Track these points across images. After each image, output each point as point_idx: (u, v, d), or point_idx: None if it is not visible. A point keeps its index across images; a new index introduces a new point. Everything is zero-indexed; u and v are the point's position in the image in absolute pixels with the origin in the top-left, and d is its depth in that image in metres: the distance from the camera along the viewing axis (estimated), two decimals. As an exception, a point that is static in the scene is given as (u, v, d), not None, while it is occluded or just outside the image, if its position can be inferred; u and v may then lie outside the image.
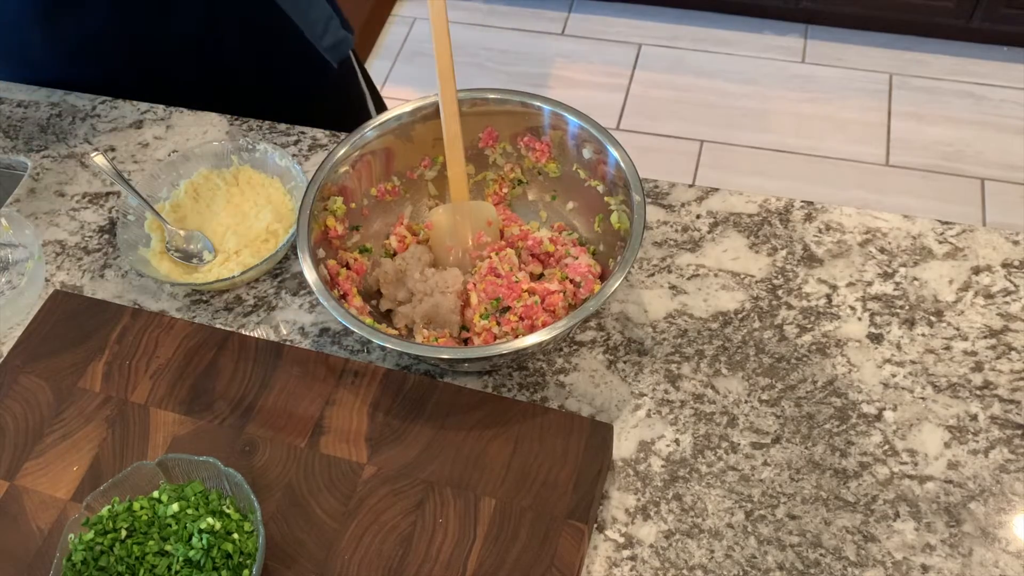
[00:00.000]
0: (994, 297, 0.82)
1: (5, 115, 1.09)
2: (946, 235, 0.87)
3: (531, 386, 0.80)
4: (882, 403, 0.77)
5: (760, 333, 0.82)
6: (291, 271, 0.90)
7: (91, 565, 0.68)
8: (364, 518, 0.71)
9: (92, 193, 1.00)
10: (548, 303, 0.79)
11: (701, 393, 0.78)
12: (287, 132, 1.03)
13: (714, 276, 0.86)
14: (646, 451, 0.76)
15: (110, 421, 0.78)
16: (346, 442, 0.75)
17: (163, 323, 0.84)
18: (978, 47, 2.42)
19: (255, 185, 0.95)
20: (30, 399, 0.80)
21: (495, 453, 0.73)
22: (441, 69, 0.79)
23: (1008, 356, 0.79)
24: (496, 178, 0.90)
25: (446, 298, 0.80)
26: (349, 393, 0.78)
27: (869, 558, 0.69)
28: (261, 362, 0.80)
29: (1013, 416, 0.75)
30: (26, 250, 0.93)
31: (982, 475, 0.72)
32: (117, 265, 0.93)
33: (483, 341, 0.79)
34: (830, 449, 0.75)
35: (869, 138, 2.27)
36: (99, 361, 0.82)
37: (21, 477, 0.76)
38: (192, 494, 0.70)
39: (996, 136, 2.25)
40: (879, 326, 0.81)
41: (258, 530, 0.67)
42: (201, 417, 0.78)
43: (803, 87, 2.40)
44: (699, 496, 0.73)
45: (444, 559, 0.68)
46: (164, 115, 1.07)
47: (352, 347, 0.85)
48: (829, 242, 0.87)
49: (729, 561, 0.70)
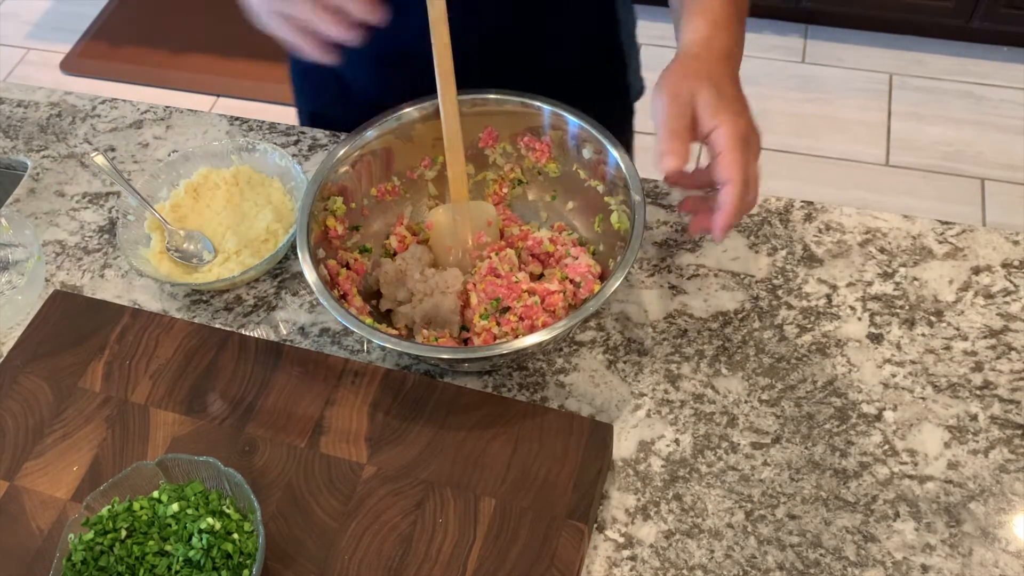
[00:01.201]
0: (994, 297, 0.82)
1: (5, 115, 1.09)
2: (946, 235, 0.87)
3: (531, 386, 0.80)
4: (882, 403, 0.77)
5: (760, 333, 0.82)
6: (291, 271, 0.90)
7: (91, 565, 0.68)
8: (364, 518, 0.71)
9: (92, 193, 1.00)
10: (548, 303, 0.79)
11: (701, 393, 0.78)
12: (287, 132, 1.03)
13: (714, 276, 0.86)
14: (646, 451, 0.76)
15: (110, 421, 0.78)
16: (346, 442, 0.75)
17: (163, 323, 0.84)
18: (978, 47, 2.42)
19: (255, 185, 0.95)
20: (30, 399, 0.80)
21: (495, 453, 0.73)
22: (441, 70, 0.79)
23: (1008, 356, 0.78)
24: (496, 178, 0.90)
25: (446, 298, 0.80)
26: (349, 393, 0.78)
27: (869, 558, 0.69)
28: (261, 362, 0.80)
29: (1013, 416, 0.75)
30: (26, 250, 0.93)
31: (982, 475, 0.72)
32: (117, 265, 0.93)
33: (483, 341, 0.79)
34: (830, 449, 0.75)
35: (869, 138, 2.27)
36: (99, 361, 0.82)
37: (21, 477, 0.76)
38: (192, 494, 0.70)
39: (996, 136, 2.25)
40: (879, 326, 0.81)
41: (258, 530, 0.67)
42: (201, 417, 0.78)
43: (803, 87, 2.40)
44: (699, 496, 0.73)
45: (444, 559, 0.68)
46: (164, 115, 1.07)
47: (352, 347, 0.84)
48: (829, 242, 0.87)
49: (729, 561, 0.70)
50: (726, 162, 0.66)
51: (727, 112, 0.66)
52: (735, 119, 0.66)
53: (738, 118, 0.66)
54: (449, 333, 0.81)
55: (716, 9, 0.73)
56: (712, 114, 0.66)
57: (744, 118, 0.67)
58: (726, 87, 0.68)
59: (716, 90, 0.67)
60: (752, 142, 0.68)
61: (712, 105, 0.66)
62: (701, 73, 0.69)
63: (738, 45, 0.75)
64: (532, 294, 0.79)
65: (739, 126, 0.66)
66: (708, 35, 0.72)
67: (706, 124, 0.67)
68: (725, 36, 0.73)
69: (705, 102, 0.67)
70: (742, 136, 0.66)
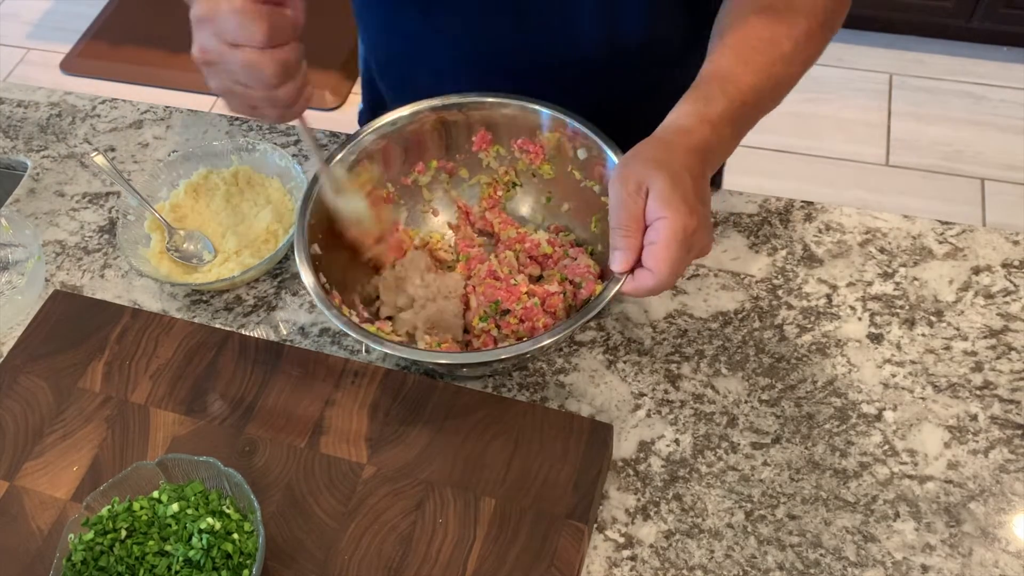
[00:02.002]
0: (994, 297, 0.82)
1: (5, 115, 1.09)
2: (946, 235, 0.87)
3: (531, 386, 0.80)
4: (882, 403, 0.77)
5: (760, 333, 0.82)
6: (291, 271, 0.90)
7: (91, 565, 0.68)
8: (364, 518, 0.71)
9: (92, 193, 1.00)
10: (548, 304, 0.79)
11: (701, 393, 0.78)
12: (287, 132, 1.03)
13: (714, 276, 0.86)
14: (646, 451, 0.76)
15: (110, 421, 0.78)
16: (346, 442, 0.75)
17: (163, 323, 0.84)
18: (978, 47, 2.42)
19: (255, 185, 0.95)
20: (30, 399, 0.80)
21: (495, 453, 0.73)
22: None
23: (1008, 356, 0.78)
24: (490, 181, 0.89)
25: (450, 303, 0.80)
26: (349, 393, 0.78)
27: (869, 558, 0.69)
28: (261, 362, 0.80)
29: (1013, 416, 0.75)
30: (26, 250, 0.93)
31: (982, 475, 0.72)
32: (117, 265, 0.93)
33: (482, 344, 0.78)
34: (830, 449, 0.75)
35: (869, 138, 2.27)
36: (99, 361, 0.82)
37: (21, 477, 0.76)
38: (192, 494, 0.70)
39: (996, 136, 2.25)
40: (879, 326, 0.81)
41: (258, 530, 0.67)
42: (201, 417, 0.78)
43: (803, 87, 2.38)
44: (699, 496, 0.73)
45: (444, 559, 0.68)
46: (164, 115, 1.07)
47: (352, 347, 0.84)
48: (829, 242, 0.87)
49: (729, 561, 0.70)
50: (657, 256, 0.64)
51: (674, 206, 0.63)
52: (680, 215, 0.63)
53: (686, 214, 0.63)
54: (452, 338, 0.81)
55: (714, 104, 0.70)
56: (661, 205, 0.63)
57: (695, 215, 0.64)
58: (683, 179, 0.65)
59: (672, 181, 0.64)
60: (695, 241, 0.65)
61: (663, 197, 0.63)
62: (661, 161, 0.65)
63: (721, 145, 0.71)
64: (532, 296, 0.79)
65: (683, 222, 0.63)
66: (689, 127, 0.69)
67: (652, 214, 0.64)
68: (710, 134, 0.69)
69: (657, 192, 0.64)
70: (683, 233, 0.63)
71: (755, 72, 0.73)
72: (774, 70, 0.74)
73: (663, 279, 0.64)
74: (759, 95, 0.73)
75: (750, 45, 0.74)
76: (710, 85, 0.72)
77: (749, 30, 0.75)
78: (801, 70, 0.77)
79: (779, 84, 0.75)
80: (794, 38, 0.75)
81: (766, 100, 0.74)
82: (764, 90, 0.73)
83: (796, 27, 0.75)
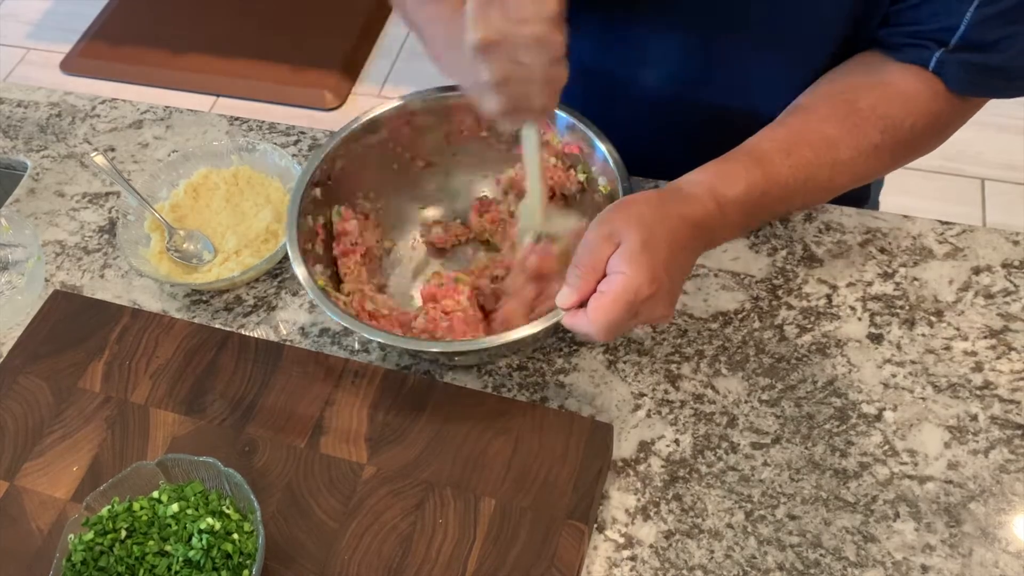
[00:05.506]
0: (994, 297, 0.82)
1: (5, 115, 1.09)
2: (946, 235, 0.87)
3: (531, 386, 0.80)
4: (882, 403, 0.77)
5: (760, 333, 0.82)
6: (291, 271, 0.90)
7: (91, 565, 0.68)
8: (364, 518, 0.71)
9: (92, 193, 1.00)
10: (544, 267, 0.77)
11: (701, 393, 0.78)
12: (287, 132, 1.03)
13: (714, 276, 0.86)
14: (646, 451, 0.76)
15: (110, 421, 0.78)
16: (346, 442, 0.75)
17: (163, 323, 0.84)
18: (978, 47, 2.42)
19: (255, 185, 0.95)
20: (30, 399, 0.80)
21: (495, 453, 0.73)
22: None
23: (1008, 356, 0.78)
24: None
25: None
26: (349, 393, 0.78)
27: (869, 558, 0.69)
28: (261, 362, 0.80)
29: (1013, 416, 0.75)
30: (26, 250, 0.93)
31: (982, 475, 0.72)
32: (117, 265, 0.93)
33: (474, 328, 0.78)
34: (830, 449, 0.75)
35: (869, 138, 2.27)
36: (99, 361, 0.82)
37: (21, 477, 0.76)
38: (192, 494, 0.70)
39: (996, 136, 2.25)
40: (879, 326, 0.81)
41: (258, 530, 0.67)
42: (201, 417, 0.78)
43: (803, 87, 2.39)
44: (699, 496, 0.73)
45: (444, 559, 0.68)
46: (164, 115, 1.07)
47: (352, 347, 0.84)
48: (829, 242, 0.87)
49: (729, 561, 0.70)
50: (600, 308, 0.61)
51: (636, 266, 0.60)
52: (638, 277, 0.60)
53: (645, 279, 0.60)
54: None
55: (732, 186, 0.66)
56: (623, 261, 0.61)
57: (654, 284, 0.61)
58: (658, 245, 0.62)
59: (644, 242, 0.61)
60: (645, 308, 0.62)
61: (629, 254, 0.61)
62: (645, 220, 0.63)
63: (726, 228, 0.67)
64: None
65: (637, 285, 0.60)
66: (696, 196, 0.66)
67: (613, 266, 0.61)
68: (714, 212, 0.65)
69: (626, 247, 0.61)
70: (633, 295, 0.60)
71: (794, 167, 0.68)
72: (817, 172, 0.69)
73: (597, 331, 0.62)
74: (787, 191, 0.69)
75: (806, 138, 0.69)
76: (738, 163, 0.68)
77: (814, 121, 0.70)
78: (850, 181, 0.72)
79: (817, 188, 0.70)
80: (858, 149, 0.70)
81: (795, 197, 0.70)
82: (795, 188, 0.69)
83: (866, 138, 0.70)
